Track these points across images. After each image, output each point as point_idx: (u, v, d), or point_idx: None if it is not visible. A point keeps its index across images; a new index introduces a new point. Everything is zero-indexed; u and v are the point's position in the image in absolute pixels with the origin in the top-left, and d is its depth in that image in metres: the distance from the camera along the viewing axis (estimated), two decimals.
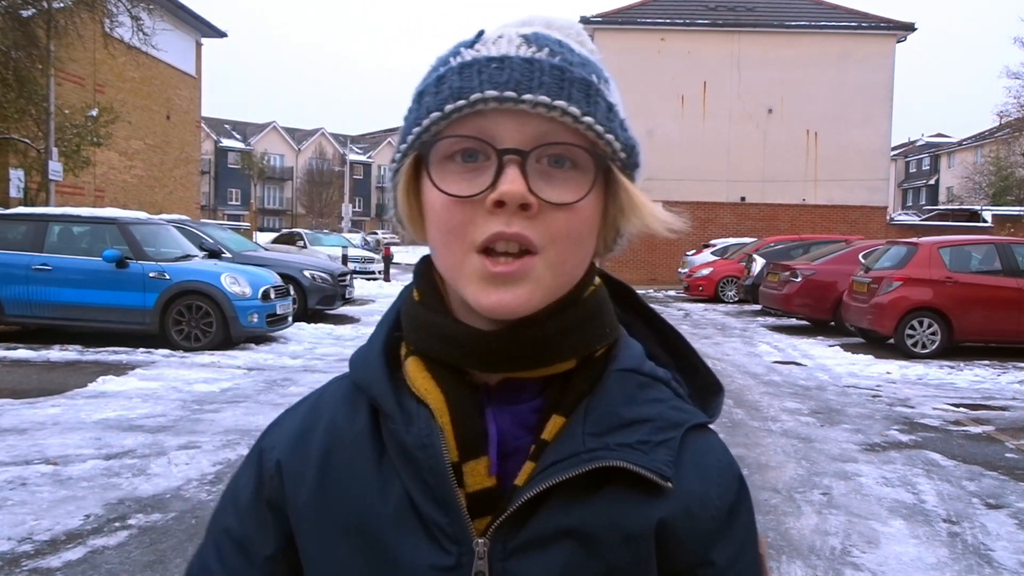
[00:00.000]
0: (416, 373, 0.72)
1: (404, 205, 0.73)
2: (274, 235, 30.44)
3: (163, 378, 8.22)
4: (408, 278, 0.81)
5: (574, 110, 0.65)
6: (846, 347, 12.05)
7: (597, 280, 0.76)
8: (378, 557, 0.70)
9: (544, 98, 0.64)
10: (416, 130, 0.68)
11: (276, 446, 0.78)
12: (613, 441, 0.69)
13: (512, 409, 0.71)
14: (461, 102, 0.65)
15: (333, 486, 0.72)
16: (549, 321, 0.69)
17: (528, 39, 0.68)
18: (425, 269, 0.75)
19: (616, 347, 0.74)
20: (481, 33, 0.71)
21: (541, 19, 0.73)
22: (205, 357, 9.53)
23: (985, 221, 27.19)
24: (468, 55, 0.68)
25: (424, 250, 0.75)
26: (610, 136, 0.68)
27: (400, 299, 0.79)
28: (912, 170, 73.57)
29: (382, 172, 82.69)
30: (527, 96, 0.64)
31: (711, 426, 0.77)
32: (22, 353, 9.40)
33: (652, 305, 0.82)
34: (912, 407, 7.96)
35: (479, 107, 0.65)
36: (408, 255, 44.34)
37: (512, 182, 0.64)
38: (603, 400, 0.71)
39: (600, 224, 0.71)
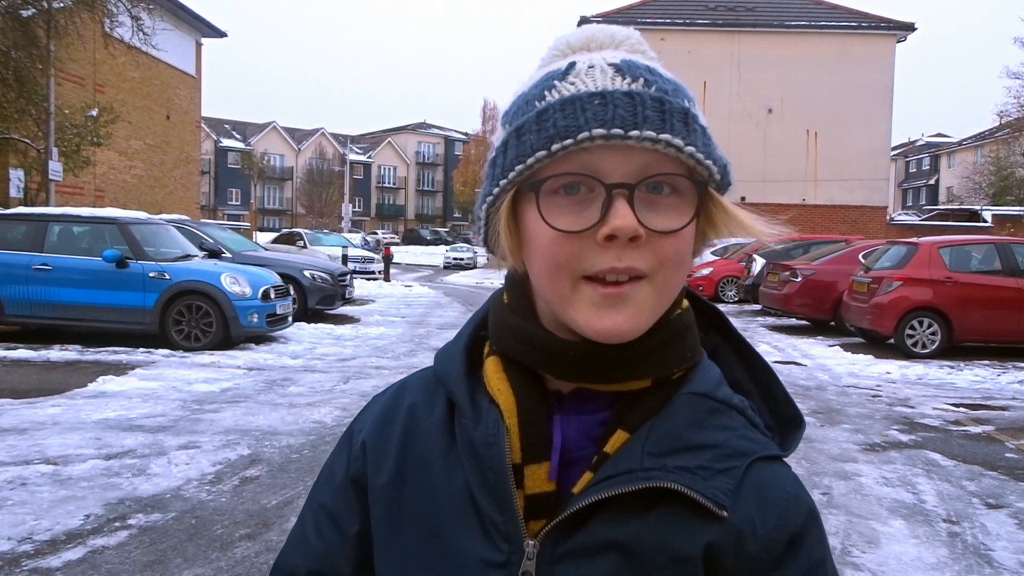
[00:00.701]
0: (493, 373, 0.75)
1: (507, 238, 0.73)
2: (274, 235, 30.48)
3: (163, 378, 8.22)
4: (408, 278, 0.82)
5: (678, 142, 0.67)
6: (846, 347, 12.05)
7: (685, 303, 0.78)
8: (436, 544, 0.74)
9: (650, 133, 0.66)
10: (519, 167, 0.69)
11: (363, 428, 0.83)
12: (672, 463, 0.69)
13: (579, 419, 0.73)
14: (568, 140, 0.66)
15: (408, 471, 0.77)
16: (634, 340, 0.70)
17: (620, 69, 0.69)
18: (518, 276, 0.77)
19: (693, 370, 0.75)
20: (572, 64, 0.71)
21: (601, 31, 0.75)
22: (205, 357, 9.52)
23: (985, 221, 27.20)
24: (565, 89, 0.69)
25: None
26: (709, 161, 0.70)
27: (491, 300, 0.82)
28: (912, 170, 73.58)
29: (382, 172, 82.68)
30: (633, 132, 0.66)
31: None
32: (22, 353, 9.40)
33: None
34: (912, 407, 7.96)
35: (585, 144, 0.66)
36: (408, 255, 44.33)
37: (623, 217, 0.65)
38: (669, 421, 0.72)
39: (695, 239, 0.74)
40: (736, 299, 19.68)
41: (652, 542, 0.68)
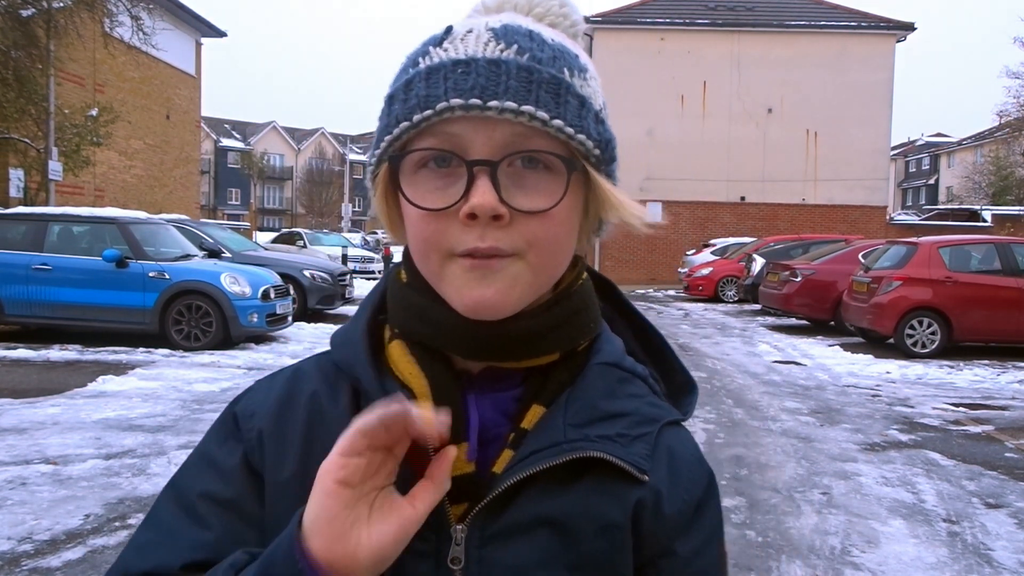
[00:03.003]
0: (399, 357, 0.73)
1: (383, 211, 0.73)
2: (274, 235, 30.46)
3: (163, 378, 8.22)
4: None
5: (542, 114, 0.64)
6: (846, 347, 12.05)
7: (584, 275, 0.76)
8: None
9: (511, 104, 0.63)
10: (387, 138, 0.68)
11: (255, 414, 0.75)
12: (593, 432, 0.69)
13: (493, 397, 0.72)
14: (428, 111, 0.64)
15: (315, 463, 0.69)
16: (539, 315, 0.70)
17: (497, 34, 0.66)
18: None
19: (598, 341, 0.75)
20: (450, 29, 0.69)
21: None
22: (205, 357, 9.53)
23: (985, 221, 27.20)
24: (436, 56, 0.67)
25: None
26: (581, 136, 0.67)
27: (386, 280, 0.78)
28: (912, 170, 73.57)
29: None
30: (493, 103, 0.63)
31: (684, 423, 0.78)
32: (22, 353, 9.40)
33: (651, 305, 0.82)
34: (912, 407, 7.96)
35: (446, 115, 0.64)
36: None
37: (483, 195, 0.63)
38: (584, 392, 0.71)
39: (582, 217, 0.72)
40: (736, 299, 19.68)
41: (581, 513, 0.68)
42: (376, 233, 51.59)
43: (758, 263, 17.37)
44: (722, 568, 0.76)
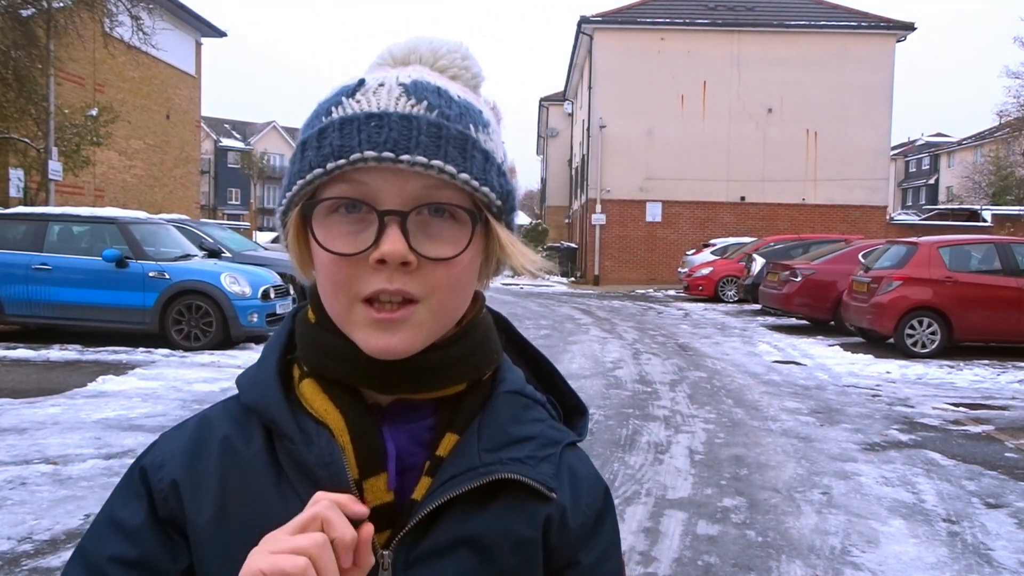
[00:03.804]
0: (313, 394, 0.75)
1: (295, 252, 0.76)
2: (274, 235, 30.43)
3: (163, 378, 8.22)
4: None
5: (450, 168, 0.68)
6: (846, 347, 12.05)
7: (483, 309, 0.80)
8: None
9: (421, 159, 0.67)
10: (300, 183, 0.71)
11: (165, 464, 0.76)
12: (505, 456, 0.74)
13: (406, 428, 0.75)
14: (342, 160, 0.68)
15: (234, 507, 0.73)
16: (447, 348, 0.74)
17: (408, 90, 0.70)
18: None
19: (500, 371, 0.80)
20: (363, 82, 0.72)
21: (426, 45, 0.76)
22: (205, 357, 9.53)
23: (985, 221, 27.18)
24: (349, 107, 0.70)
25: None
26: (485, 188, 0.71)
27: (291, 321, 0.81)
28: (912, 170, 73.57)
29: None
30: (404, 157, 0.67)
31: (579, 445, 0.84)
32: (22, 353, 9.40)
33: (651, 305, 0.84)
34: (912, 407, 7.96)
35: (359, 165, 0.67)
36: None
37: (393, 243, 0.67)
38: (494, 419, 0.76)
39: (482, 261, 0.76)
40: (736, 299, 19.68)
41: (497, 531, 0.73)
42: None
43: (758, 263, 17.37)
44: (621, 574, 0.82)
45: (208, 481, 0.74)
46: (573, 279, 28.48)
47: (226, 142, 72.43)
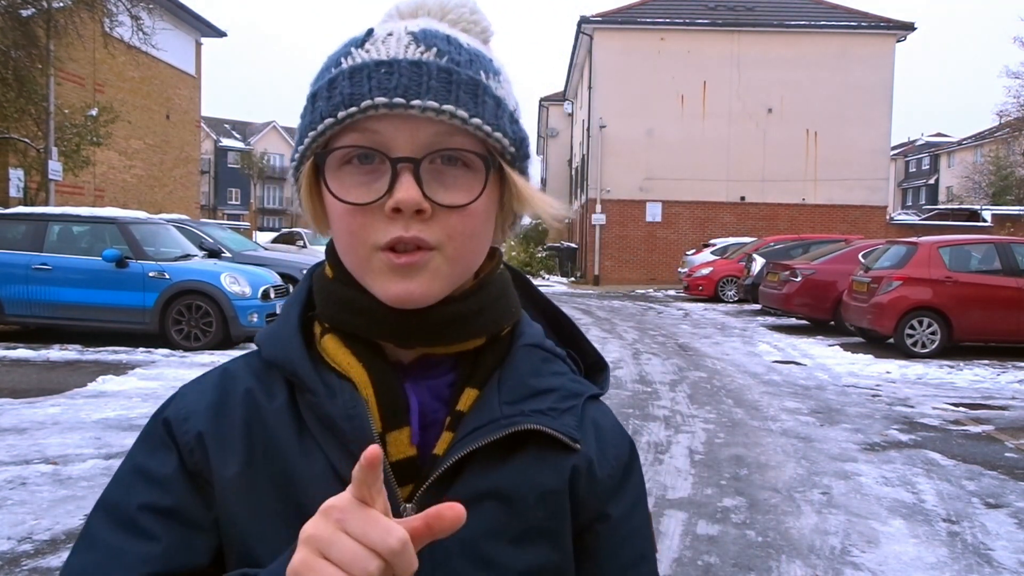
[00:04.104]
0: (335, 349, 0.74)
1: (308, 206, 0.75)
2: (274, 235, 30.46)
3: (163, 378, 8.22)
4: None
5: (462, 113, 0.68)
6: (846, 347, 12.05)
7: (501, 265, 0.80)
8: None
9: (432, 103, 0.67)
10: (312, 134, 0.70)
11: (190, 417, 0.75)
12: (527, 408, 0.74)
13: (428, 383, 0.75)
14: (353, 108, 0.67)
15: (259, 458, 0.72)
16: (464, 300, 0.73)
17: (417, 37, 0.70)
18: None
19: (519, 325, 0.79)
20: (371, 31, 0.72)
21: (435, 1, 0.75)
22: (205, 357, 9.53)
23: (985, 221, 27.18)
24: (358, 57, 0.70)
25: None
26: (498, 134, 0.70)
27: (310, 278, 0.80)
28: (912, 170, 73.57)
29: None
30: (415, 102, 0.66)
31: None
32: (22, 353, 9.41)
33: (651, 305, 0.84)
34: (912, 407, 7.96)
35: (370, 112, 0.67)
36: None
37: (407, 190, 0.66)
38: (514, 372, 0.76)
39: (497, 212, 0.75)
40: (736, 299, 19.67)
41: (522, 483, 0.72)
42: None
43: (758, 263, 17.37)
44: (649, 526, 0.82)
45: (233, 433, 0.73)
46: (573, 279, 28.48)
47: (226, 142, 72.43)
